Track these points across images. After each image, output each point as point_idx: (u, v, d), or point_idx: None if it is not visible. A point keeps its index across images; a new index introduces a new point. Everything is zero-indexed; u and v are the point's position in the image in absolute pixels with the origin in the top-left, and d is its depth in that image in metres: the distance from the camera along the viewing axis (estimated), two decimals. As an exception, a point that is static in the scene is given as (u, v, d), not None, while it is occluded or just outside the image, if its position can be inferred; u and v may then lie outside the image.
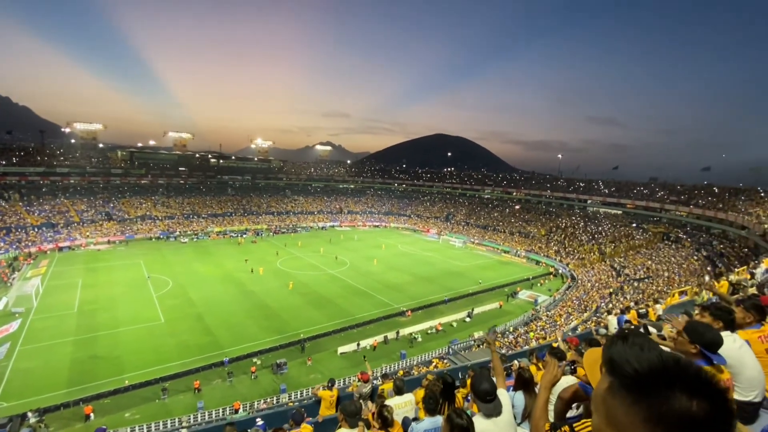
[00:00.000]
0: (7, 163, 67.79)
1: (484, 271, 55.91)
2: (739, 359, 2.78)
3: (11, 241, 53.64)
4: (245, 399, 23.32)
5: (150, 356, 28.22)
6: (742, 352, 2.82)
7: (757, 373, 2.79)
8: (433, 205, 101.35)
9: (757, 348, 3.02)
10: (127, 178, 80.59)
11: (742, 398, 2.71)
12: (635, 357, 0.83)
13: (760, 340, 3.13)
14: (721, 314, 3.12)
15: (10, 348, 27.96)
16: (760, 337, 3.15)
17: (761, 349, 3.06)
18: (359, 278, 49.40)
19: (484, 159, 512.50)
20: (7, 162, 68.05)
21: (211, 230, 73.53)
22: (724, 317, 3.10)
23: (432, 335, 34.64)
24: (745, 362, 2.79)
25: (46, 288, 40.41)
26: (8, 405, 22.06)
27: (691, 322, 2.69)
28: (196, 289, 42.40)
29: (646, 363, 0.82)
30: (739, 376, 2.75)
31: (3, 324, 31.39)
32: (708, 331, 2.49)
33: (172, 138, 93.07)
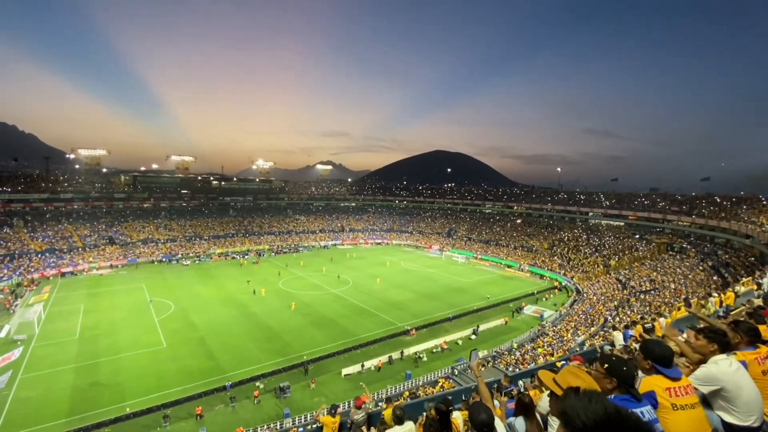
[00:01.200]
0: (12, 190, 68.58)
1: (487, 287, 55.43)
2: (735, 383, 2.77)
3: (15, 267, 53.73)
4: (248, 425, 22.83)
5: (152, 382, 27.82)
6: (738, 375, 2.82)
7: (754, 396, 2.78)
8: (435, 221, 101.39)
9: (753, 370, 3.02)
10: (130, 202, 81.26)
11: (740, 423, 2.69)
12: (583, 409, 0.98)
13: (757, 362, 3.12)
14: (715, 336, 3.13)
15: (11, 376, 27.66)
16: (756, 359, 3.14)
17: (758, 372, 3.05)
18: (362, 297, 49.03)
19: (484, 174, 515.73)
20: (12, 189, 68.85)
21: (213, 252, 73.52)
22: (718, 339, 3.11)
23: (437, 354, 34.11)
24: (742, 385, 2.78)
25: (48, 314, 40.22)
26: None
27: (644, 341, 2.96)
28: (198, 313, 42.11)
29: (592, 415, 0.96)
30: (736, 400, 2.75)
31: (4, 352, 31.13)
32: (658, 346, 2.68)
33: (175, 161, 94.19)
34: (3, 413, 23.73)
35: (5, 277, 50.88)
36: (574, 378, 2.28)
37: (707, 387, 2.86)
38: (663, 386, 2.55)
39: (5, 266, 53.09)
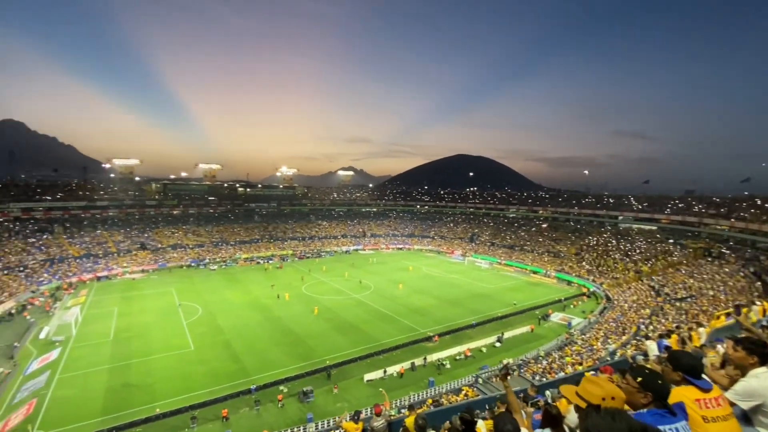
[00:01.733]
0: (53, 199, 72.71)
1: (512, 293, 54.21)
2: None
3: (54, 271, 56.74)
4: (272, 428, 23.07)
5: (180, 384, 28.61)
6: None
7: None
8: (457, 225, 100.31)
9: None
10: (161, 209, 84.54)
11: None
12: (607, 428, 0.95)
13: None
14: (755, 348, 2.93)
15: (49, 376, 29.09)
16: None
17: None
18: (384, 302, 48.93)
19: (507, 178, 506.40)
20: (52, 197, 73.01)
21: (239, 257, 75.30)
22: (758, 351, 2.90)
23: (461, 361, 33.52)
24: None
25: (84, 317, 42.16)
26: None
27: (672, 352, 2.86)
28: (224, 316, 43.14)
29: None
30: None
31: (44, 353, 32.83)
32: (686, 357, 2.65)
33: (203, 169, 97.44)
34: (42, 411, 24.94)
35: (45, 281, 53.77)
36: (595, 387, 2.23)
37: (747, 402, 2.70)
38: (692, 397, 2.45)
39: (46, 270, 56.14)
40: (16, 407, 24.86)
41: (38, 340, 36.14)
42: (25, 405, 24.95)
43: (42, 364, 30.80)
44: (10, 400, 26.12)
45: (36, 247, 60.61)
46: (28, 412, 24.41)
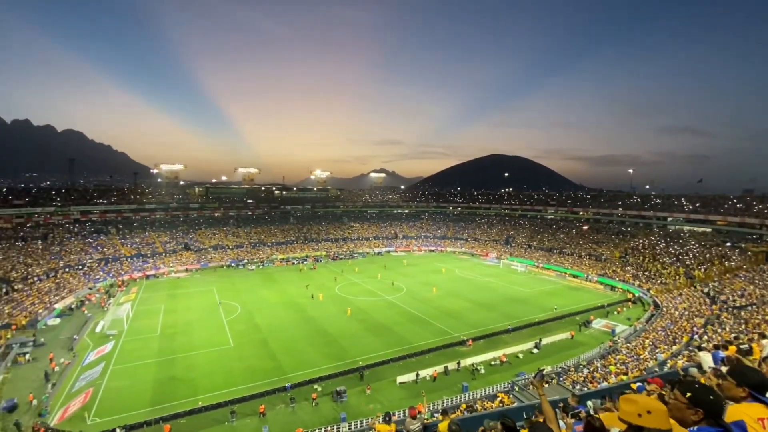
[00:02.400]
0: (107, 202, 78.42)
1: (551, 298, 52.20)
2: None
3: (109, 270, 61.06)
4: (307, 426, 23.51)
5: (220, 379, 29.84)
6: None
7: None
8: (492, 227, 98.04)
9: None
10: (203, 211, 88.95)
11: None
12: None
13: None
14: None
15: (104, 367, 31.27)
16: None
17: None
18: (416, 304, 48.65)
19: (545, 178, 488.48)
20: (107, 201, 78.77)
21: (276, 257, 77.64)
22: None
23: (496, 367, 32.65)
24: None
25: (135, 313, 45.01)
26: (100, 421, 24.42)
27: (735, 366, 2.70)
28: (261, 315, 44.59)
29: None
30: None
31: (99, 345, 35.37)
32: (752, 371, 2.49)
33: (242, 173, 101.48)
34: (97, 400, 26.85)
35: (101, 279, 57.98)
36: (630, 404, 2.13)
37: None
38: (755, 416, 2.25)
39: (101, 269, 60.53)
40: (75, 395, 26.92)
41: (94, 333, 38.99)
42: (83, 393, 26.96)
43: (98, 355, 33.18)
44: (70, 388, 28.33)
45: (93, 247, 65.51)
46: (85, 400, 26.36)
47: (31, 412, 25.43)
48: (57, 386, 28.63)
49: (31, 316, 41.00)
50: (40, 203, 69.52)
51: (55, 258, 57.77)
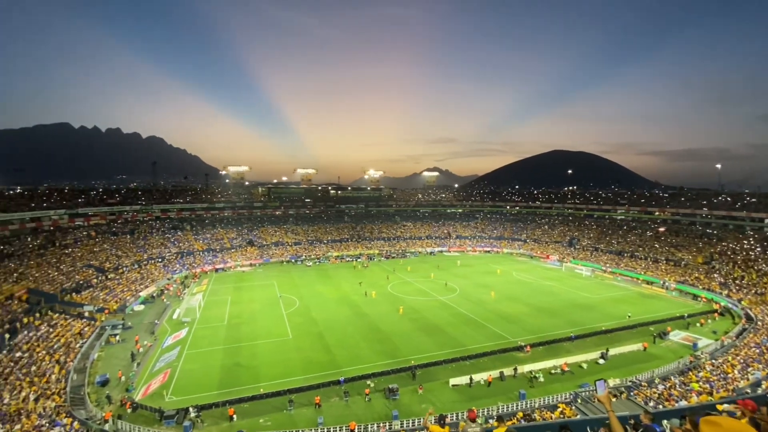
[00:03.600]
0: (183, 201, 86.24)
1: (620, 305, 48.11)
2: None
3: (184, 263, 67.14)
4: (360, 420, 23.92)
5: (280, 369, 31.45)
6: None
7: None
8: (553, 228, 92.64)
9: None
10: (265, 210, 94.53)
11: None
12: None
13: None
14: None
15: (180, 351, 34.41)
16: None
17: None
18: (470, 306, 47.43)
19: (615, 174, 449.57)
20: (182, 200, 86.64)
21: (331, 255, 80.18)
22: None
23: (556, 376, 30.76)
24: None
25: (206, 303, 48.98)
26: (177, 399, 26.93)
27: None
28: (318, 309, 46.29)
29: None
30: None
31: (176, 331, 39.00)
32: None
33: (300, 174, 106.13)
34: (174, 380, 29.62)
35: (177, 271, 63.93)
36: (714, 428, 1.97)
37: None
38: None
39: (178, 262, 66.74)
40: (156, 374, 29.94)
41: (172, 319, 43.06)
42: (162, 373, 29.90)
43: (174, 340, 36.62)
44: (152, 367, 31.57)
45: (171, 241, 72.46)
46: (164, 380, 29.21)
47: (120, 387, 28.76)
48: (141, 366, 32.08)
49: (120, 302, 46.39)
50: (129, 202, 78.33)
51: (141, 251, 64.77)
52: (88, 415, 24.48)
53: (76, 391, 27.39)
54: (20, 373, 26.91)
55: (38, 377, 27.03)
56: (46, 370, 28.23)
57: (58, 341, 32.87)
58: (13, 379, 25.92)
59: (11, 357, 28.61)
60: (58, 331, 34.79)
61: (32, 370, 27.73)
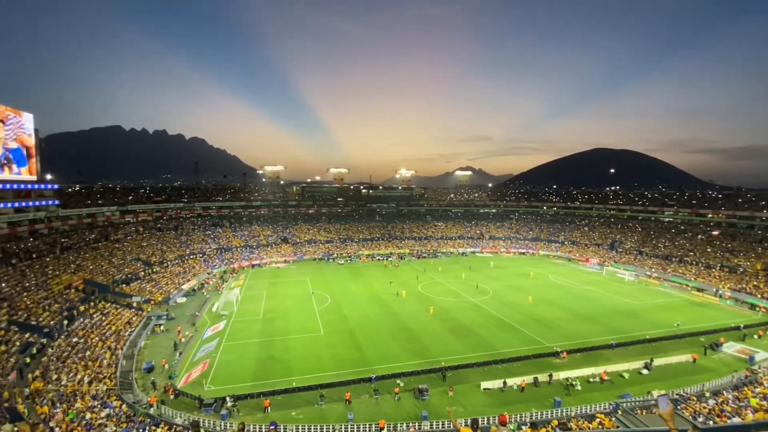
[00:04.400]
0: (223, 199, 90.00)
1: (666, 313, 45.26)
2: None
3: (223, 258, 70.09)
4: (389, 419, 23.96)
5: (312, 364, 32.13)
6: None
7: None
8: (593, 230, 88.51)
9: None
10: (299, 208, 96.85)
11: None
12: None
13: None
14: None
15: (218, 342, 35.96)
16: None
17: None
18: (503, 309, 46.28)
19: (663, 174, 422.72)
20: (222, 198, 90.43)
21: (362, 253, 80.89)
22: None
23: (595, 384, 29.37)
24: None
25: (243, 297, 50.89)
26: (215, 388, 28.17)
27: None
28: (349, 307, 46.86)
29: None
30: None
31: (215, 323, 40.77)
32: None
33: (333, 173, 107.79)
34: (212, 369, 31.00)
35: (217, 266, 66.83)
36: None
37: None
38: None
39: (217, 257, 69.75)
40: (196, 364, 31.45)
41: (211, 312, 45.07)
42: (202, 363, 31.36)
43: (213, 331, 38.31)
44: (192, 357, 33.20)
45: (211, 237, 75.86)
46: (203, 369, 30.63)
47: (164, 374, 30.45)
48: (183, 355, 33.82)
49: (165, 294, 49.11)
50: (173, 200, 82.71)
51: (183, 246, 68.28)
52: (135, 399, 26.14)
53: (125, 376, 29.32)
54: (76, 357, 29.15)
55: (92, 361, 29.17)
56: (98, 355, 30.42)
57: (109, 329, 35.33)
58: (70, 362, 28.13)
59: (69, 342, 31.05)
60: (110, 319, 37.39)
61: (86, 354, 29.96)
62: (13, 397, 21.89)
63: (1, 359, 25.28)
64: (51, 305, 35.16)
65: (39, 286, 37.73)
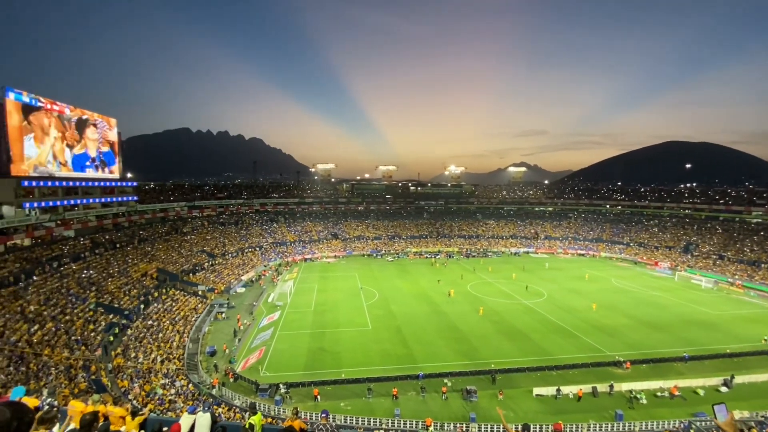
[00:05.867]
0: (278, 196, 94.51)
1: (752, 325, 40.25)
2: None
3: (278, 252, 73.68)
4: (436, 418, 23.78)
5: (360, 357, 32.78)
6: None
7: None
8: (664, 231, 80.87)
9: None
10: (349, 205, 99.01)
11: None
12: None
13: None
14: None
15: (273, 332, 37.90)
16: None
17: None
18: (559, 313, 43.87)
19: (751, 169, 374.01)
20: (278, 195, 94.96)
21: (409, 251, 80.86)
22: None
23: (663, 399, 26.88)
24: None
25: (296, 289, 53.13)
26: (269, 375, 29.75)
27: None
28: (396, 303, 47.11)
29: None
30: None
31: (270, 313, 43.01)
32: None
33: (382, 171, 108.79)
34: (268, 357, 32.75)
35: (272, 259, 70.39)
36: None
37: None
38: None
39: (273, 251, 73.46)
40: (253, 351, 33.42)
41: (267, 302, 47.60)
42: (258, 350, 33.26)
43: (269, 321, 40.45)
44: (250, 344, 35.32)
45: (267, 232, 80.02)
46: (260, 356, 32.46)
47: (224, 358, 32.73)
48: (241, 341, 36.12)
49: (226, 284, 52.71)
50: (234, 197, 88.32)
51: (243, 240, 72.74)
52: (199, 379, 28.41)
53: (191, 358, 31.97)
54: (150, 338, 32.28)
55: (163, 343, 32.15)
56: (169, 337, 33.44)
57: (178, 314, 38.67)
58: (145, 343, 31.22)
59: (145, 324, 34.47)
60: (179, 305, 40.90)
61: (159, 336, 33.07)
62: (99, 371, 24.74)
63: (90, 336, 28.68)
64: (130, 290, 39.23)
65: (121, 273, 42.23)
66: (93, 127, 46.77)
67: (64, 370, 22.83)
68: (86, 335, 28.39)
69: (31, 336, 25.14)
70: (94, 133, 46.97)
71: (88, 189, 48.24)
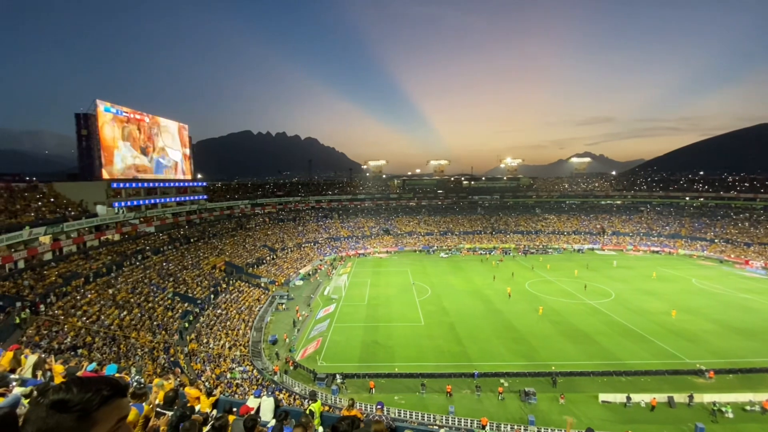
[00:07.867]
0: (332, 193, 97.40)
1: None
2: None
3: (333, 247, 76.08)
4: (492, 418, 23.18)
5: (413, 352, 32.88)
6: None
7: None
8: (756, 226, 71.22)
9: None
10: (400, 201, 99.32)
11: None
12: None
13: None
14: None
15: (329, 323, 39.29)
16: None
17: None
18: (629, 316, 40.50)
19: None
20: (332, 192, 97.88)
21: (462, 247, 79.25)
22: None
23: (754, 414, 23.78)
24: None
25: (350, 283, 54.54)
26: (326, 365, 30.92)
27: None
28: (449, 300, 46.51)
29: None
30: None
31: (326, 305, 44.60)
32: None
33: (433, 165, 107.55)
34: (324, 347, 34.05)
35: (328, 253, 72.84)
36: None
37: None
38: None
39: (328, 246, 76.00)
40: (311, 341, 34.93)
41: (323, 295, 49.42)
42: (315, 341, 34.70)
43: (325, 313, 41.99)
44: (308, 334, 36.95)
45: (323, 228, 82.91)
46: (317, 347, 33.85)
47: (285, 347, 34.57)
48: (300, 332, 37.92)
49: (285, 276, 55.53)
50: (292, 194, 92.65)
51: (300, 235, 76.09)
52: (263, 366, 30.32)
53: (255, 345, 34.22)
54: (220, 325, 35.04)
55: (231, 330, 34.74)
56: (236, 325, 36.06)
57: (243, 304, 41.53)
58: (216, 330, 33.96)
59: (215, 312, 37.47)
60: (244, 296, 43.90)
61: (227, 324, 35.78)
62: (177, 354, 27.37)
63: (169, 322, 31.80)
64: (202, 281, 42.82)
65: (194, 265, 46.22)
66: (168, 133, 51.57)
67: (148, 352, 25.61)
68: (165, 321, 31.53)
69: (121, 320, 28.48)
70: (169, 138, 51.79)
71: (165, 189, 53.37)
